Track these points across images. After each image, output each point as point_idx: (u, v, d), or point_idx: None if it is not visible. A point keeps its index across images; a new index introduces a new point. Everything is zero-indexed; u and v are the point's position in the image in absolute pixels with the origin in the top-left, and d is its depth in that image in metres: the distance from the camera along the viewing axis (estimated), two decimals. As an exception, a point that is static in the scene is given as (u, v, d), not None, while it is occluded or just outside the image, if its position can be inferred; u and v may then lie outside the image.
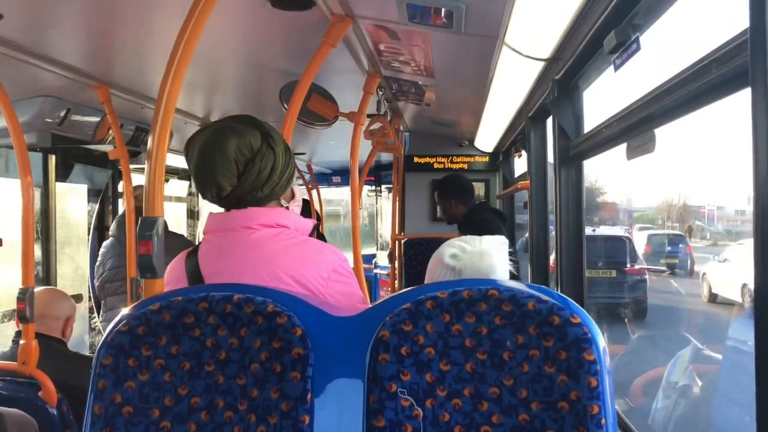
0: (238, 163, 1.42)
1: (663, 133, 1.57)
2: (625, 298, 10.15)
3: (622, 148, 1.78)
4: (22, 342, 2.33)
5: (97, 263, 3.66)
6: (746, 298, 8.59)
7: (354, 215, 3.25)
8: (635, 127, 1.66)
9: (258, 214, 1.44)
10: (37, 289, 2.77)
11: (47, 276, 3.87)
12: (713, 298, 9.97)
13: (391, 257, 5.15)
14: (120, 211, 4.42)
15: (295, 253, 1.42)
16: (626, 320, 9.54)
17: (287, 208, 1.55)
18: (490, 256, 1.39)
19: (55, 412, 2.25)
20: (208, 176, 1.42)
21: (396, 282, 5.05)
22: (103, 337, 1.20)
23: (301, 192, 1.64)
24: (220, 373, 1.17)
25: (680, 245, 13.00)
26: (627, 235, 11.86)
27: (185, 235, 5.62)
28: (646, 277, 10.50)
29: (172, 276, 1.48)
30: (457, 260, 1.40)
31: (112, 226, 3.70)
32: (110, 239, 3.68)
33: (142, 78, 2.95)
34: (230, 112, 3.97)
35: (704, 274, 10.40)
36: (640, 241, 12.53)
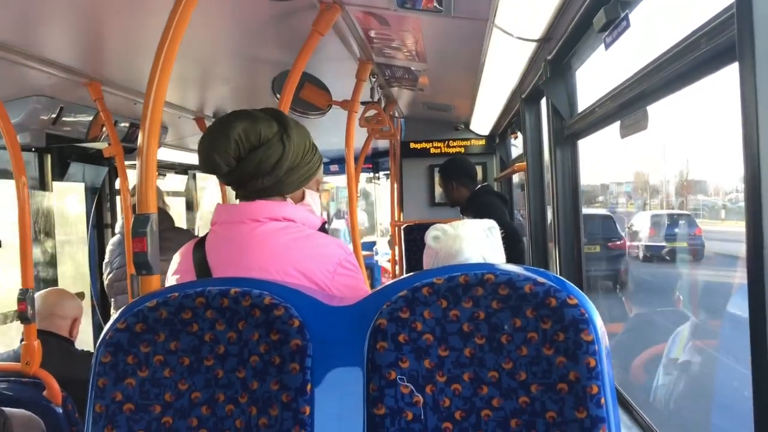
0: (240, 147, 1.41)
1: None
2: (607, 271, 10.52)
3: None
4: (24, 343, 2.34)
5: (105, 261, 3.65)
6: None
7: (351, 204, 3.25)
8: (628, 105, 1.66)
9: (265, 207, 1.44)
10: (45, 290, 2.81)
11: (48, 276, 3.87)
12: None
13: (391, 244, 5.16)
14: (118, 207, 4.41)
15: (300, 247, 1.41)
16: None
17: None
18: (461, 240, 1.39)
19: (61, 411, 2.27)
20: (207, 152, 1.44)
21: (396, 268, 5.06)
22: (102, 336, 1.20)
23: (316, 200, 1.60)
24: (219, 367, 1.17)
25: (689, 227, 12.41)
26: (610, 213, 12.46)
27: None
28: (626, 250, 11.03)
29: (181, 268, 1.48)
30: (437, 242, 1.41)
31: (119, 224, 3.68)
32: (117, 237, 3.67)
33: (134, 74, 2.94)
34: (223, 105, 3.98)
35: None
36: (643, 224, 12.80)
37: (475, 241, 1.38)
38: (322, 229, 1.56)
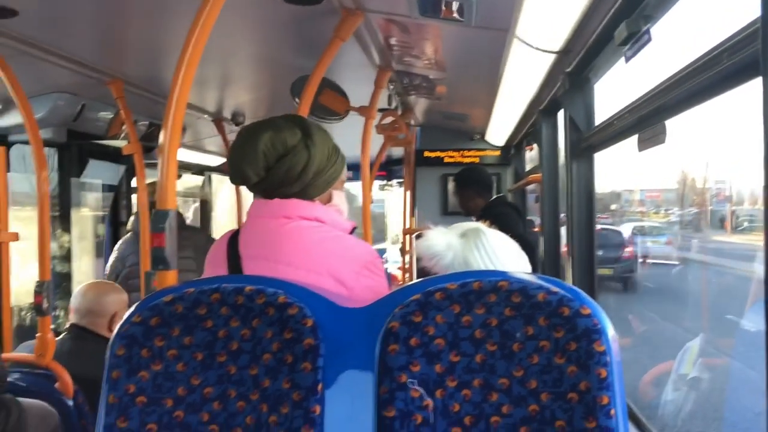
0: (268, 157, 1.45)
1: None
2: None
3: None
4: (38, 335, 2.36)
5: (114, 258, 3.66)
6: None
7: (365, 210, 3.26)
8: (646, 118, 1.65)
9: (298, 206, 1.47)
10: (85, 284, 2.78)
11: (64, 270, 3.91)
12: None
13: (402, 251, 5.16)
14: (135, 205, 4.44)
15: (329, 247, 1.44)
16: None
17: None
18: (429, 239, 1.43)
19: (72, 404, 2.29)
20: (236, 164, 1.47)
21: (407, 276, 5.06)
22: (117, 328, 1.21)
23: (343, 199, 1.63)
24: (232, 363, 1.18)
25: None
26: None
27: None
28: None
29: (215, 257, 1.52)
30: (422, 240, 1.45)
31: (132, 221, 3.70)
32: (129, 234, 3.69)
33: (155, 73, 2.98)
34: (242, 107, 4.02)
35: None
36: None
37: (436, 238, 1.41)
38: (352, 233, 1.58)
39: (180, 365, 1.19)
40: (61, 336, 2.61)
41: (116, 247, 3.72)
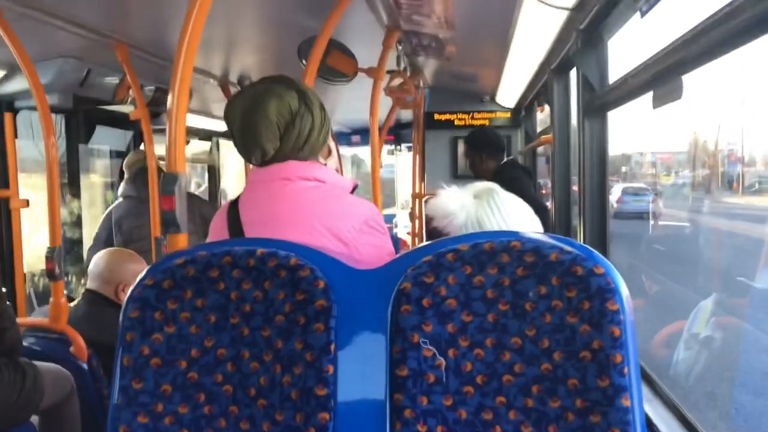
0: (279, 126, 1.45)
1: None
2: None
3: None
4: (52, 300, 2.38)
5: (112, 221, 3.58)
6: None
7: (374, 174, 3.24)
8: (663, 74, 1.61)
9: (296, 167, 1.47)
10: (105, 249, 2.81)
11: (75, 236, 3.94)
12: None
13: (412, 216, 5.15)
14: (124, 171, 4.38)
15: (329, 205, 1.45)
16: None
17: (325, 164, 1.59)
18: (442, 199, 1.42)
19: (86, 367, 2.32)
20: (252, 140, 1.47)
21: (416, 240, 5.07)
22: (130, 291, 1.22)
23: (332, 144, 1.66)
24: (244, 325, 1.19)
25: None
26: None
27: (204, 196, 5.67)
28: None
29: (215, 225, 1.54)
30: (434, 200, 1.45)
31: (128, 187, 3.64)
32: (120, 200, 3.64)
33: (161, 37, 2.94)
34: (249, 71, 3.96)
35: None
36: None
37: (449, 198, 1.41)
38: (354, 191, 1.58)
39: (193, 327, 1.19)
40: (76, 301, 2.65)
41: (107, 212, 3.67)
